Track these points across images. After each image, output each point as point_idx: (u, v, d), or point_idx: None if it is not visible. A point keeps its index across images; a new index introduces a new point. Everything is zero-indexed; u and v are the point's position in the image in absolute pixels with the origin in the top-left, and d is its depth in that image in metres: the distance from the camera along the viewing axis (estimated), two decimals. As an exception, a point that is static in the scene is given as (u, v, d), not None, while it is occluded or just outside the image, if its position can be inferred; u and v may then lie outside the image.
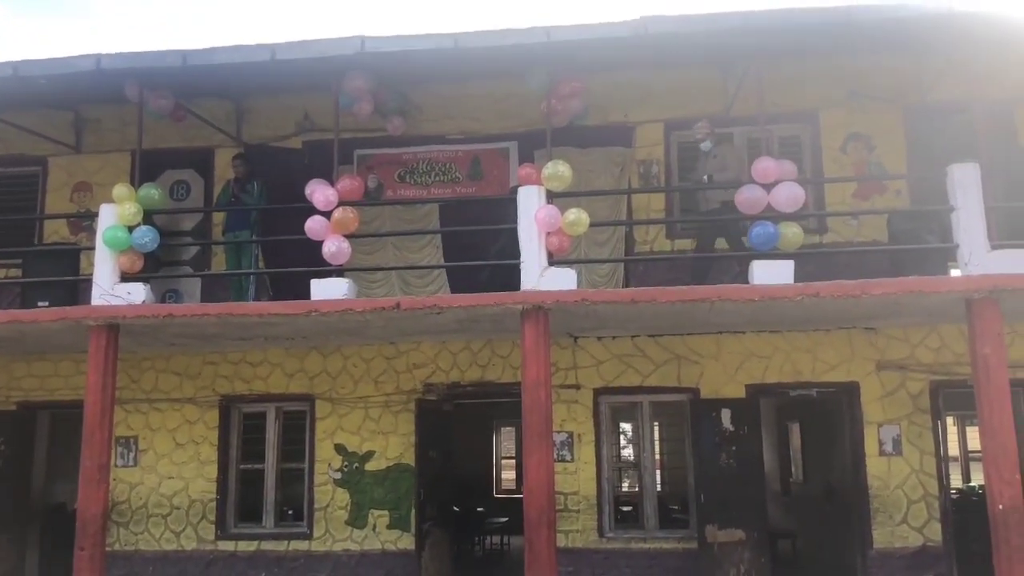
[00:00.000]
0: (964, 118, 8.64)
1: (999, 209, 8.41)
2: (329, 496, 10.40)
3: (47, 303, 9.15)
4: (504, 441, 18.85)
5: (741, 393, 9.99)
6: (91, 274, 8.82)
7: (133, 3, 45.25)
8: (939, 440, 9.71)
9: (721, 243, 9.31)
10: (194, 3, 43.43)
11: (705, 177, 9.05)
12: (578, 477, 10.06)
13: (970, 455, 16.44)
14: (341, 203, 8.56)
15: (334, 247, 8.45)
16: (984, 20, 7.98)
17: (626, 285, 9.94)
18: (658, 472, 11.69)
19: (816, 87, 10.12)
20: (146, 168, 9.52)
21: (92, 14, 47.72)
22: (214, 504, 10.57)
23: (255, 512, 10.70)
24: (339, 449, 10.46)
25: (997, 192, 8.59)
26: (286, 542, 10.40)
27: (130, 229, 8.72)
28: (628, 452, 14.09)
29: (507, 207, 8.62)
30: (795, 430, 13.28)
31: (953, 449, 15.03)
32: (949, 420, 14.47)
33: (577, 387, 10.19)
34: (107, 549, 8.77)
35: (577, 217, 8.13)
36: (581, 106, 9.50)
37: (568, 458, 10.09)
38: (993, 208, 8.06)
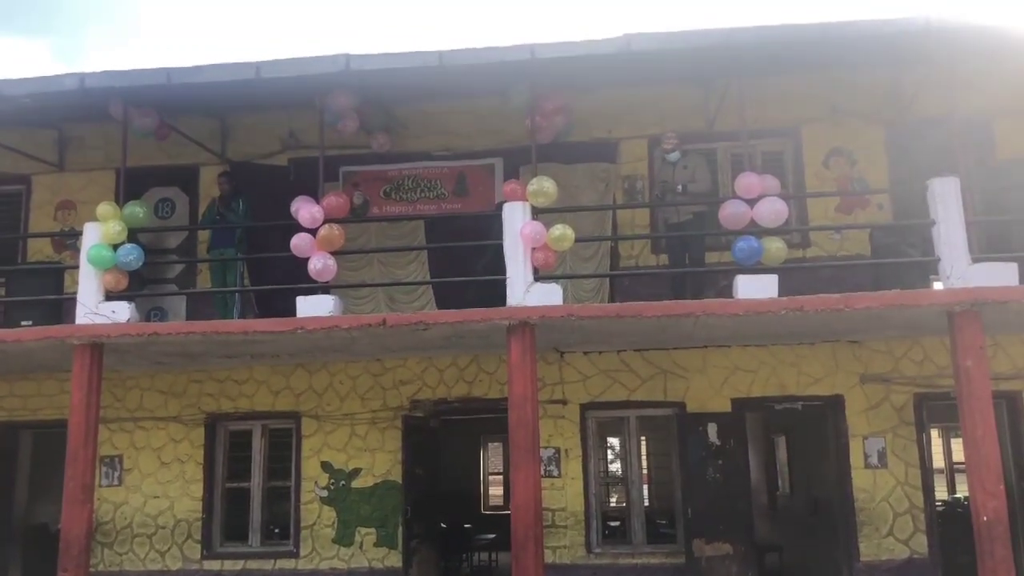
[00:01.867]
0: (944, 132, 8.73)
1: (980, 222, 8.50)
2: (316, 514, 10.35)
3: (31, 322, 9.13)
4: (492, 457, 18.79)
5: (727, 407, 10.02)
6: (75, 293, 8.79)
7: (117, 24, 45.21)
8: (924, 452, 9.77)
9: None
10: (178, 21, 43.43)
11: (679, 187, 9.14)
12: (565, 493, 10.05)
13: (955, 467, 16.52)
14: (327, 220, 8.55)
15: (320, 264, 8.45)
16: (962, 34, 8.10)
17: (612, 300, 9.96)
18: (645, 487, 11.68)
19: (798, 103, 10.22)
20: (130, 186, 9.47)
21: (77, 34, 47.63)
22: (200, 523, 10.48)
23: (241, 531, 10.63)
24: (325, 467, 10.42)
25: (977, 205, 8.68)
26: (272, 561, 10.33)
27: (114, 247, 8.69)
28: (615, 467, 14.06)
29: (492, 223, 8.65)
30: (781, 443, 13.32)
31: (938, 461, 15.10)
32: (933, 432, 14.54)
33: (564, 402, 10.20)
34: (91, 570, 8.69)
35: (562, 233, 8.16)
36: (565, 122, 9.56)
37: (555, 473, 10.08)
38: (974, 221, 8.15)
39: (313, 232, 8.51)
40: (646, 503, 11.09)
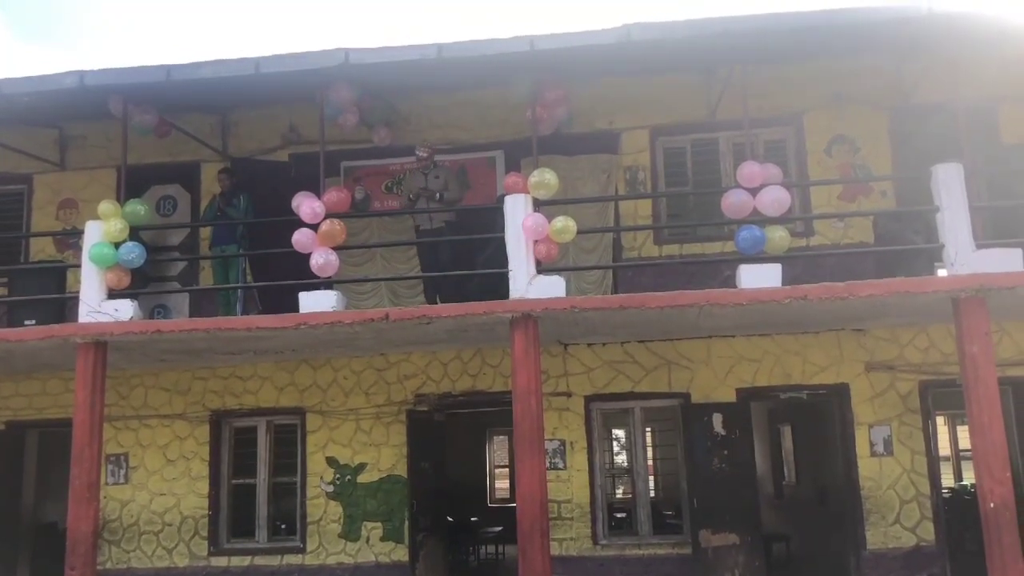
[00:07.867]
0: (948, 118, 8.68)
1: (984, 208, 8.45)
2: (322, 509, 10.36)
3: (34, 321, 9.12)
4: (497, 450, 18.79)
5: (732, 397, 10.01)
6: (78, 291, 8.76)
7: (120, 31, 45.21)
8: (930, 440, 9.75)
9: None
10: (176, 21, 43.40)
11: (438, 195, 9.38)
12: (571, 484, 10.05)
13: (961, 454, 16.45)
14: (328, 215, 8.53)
15: (322, 259, 8.43)
16: (964, 20, 8.02)
17: (615, 291, 9.94)
18: (651, 478, 11.67)
19: (800, 90, 10.17)
20: (132, 184, 9.47)
21: (79, 43, 47.64)
22: (206, 520, 10.51)
23: (248, 527, 10.65)
24: (331, 462, 10.42)
25: (981, 191, 8.64)
26: (279, 556, 10.35)
27: (116, 245, 8.68)
28: (621, 458, 14.05)
29: (494, 216, 8.62)
30: (786, 433, 13.29)
31: (944, 448, 15.06)
32: (939, 419, 14.48)
33: (568, 394, 10.19)
34: (99, 568, 8.72)
35: (564, 224, 8.13)
36: (566, 114, 9.53)
37: (561, 466, 10.08)
38: (978, 207, 8.11)
39: (315, 227, 8.50)
40: (652, 494, 11.08)
